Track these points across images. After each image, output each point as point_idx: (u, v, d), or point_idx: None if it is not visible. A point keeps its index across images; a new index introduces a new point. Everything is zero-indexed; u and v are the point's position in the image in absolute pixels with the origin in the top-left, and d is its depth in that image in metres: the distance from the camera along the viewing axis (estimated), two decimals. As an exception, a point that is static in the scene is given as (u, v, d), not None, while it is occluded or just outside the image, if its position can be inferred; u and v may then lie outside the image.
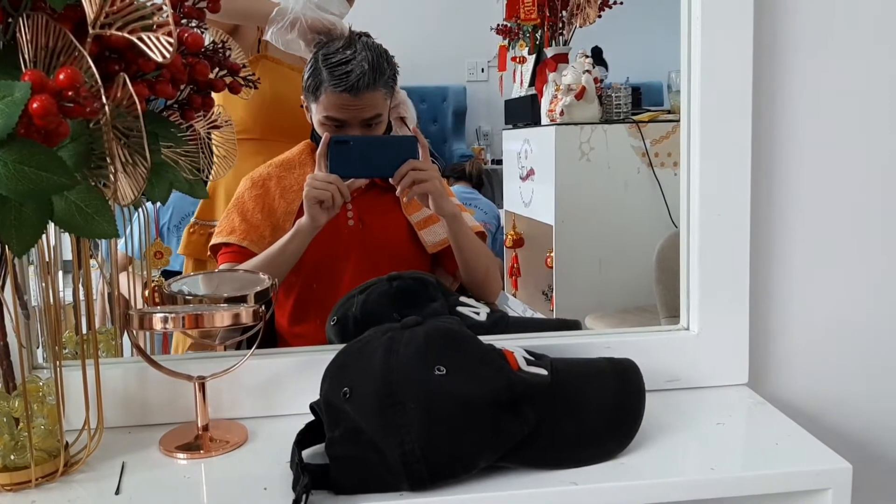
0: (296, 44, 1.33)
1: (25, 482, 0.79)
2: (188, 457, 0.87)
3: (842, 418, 1.09)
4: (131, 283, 1.06)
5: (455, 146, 2.21)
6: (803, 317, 1.06)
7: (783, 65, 1.01)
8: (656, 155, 1.75)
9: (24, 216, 0.64)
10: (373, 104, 1.27)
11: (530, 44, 1.94)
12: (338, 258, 1.31)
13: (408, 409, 0.75)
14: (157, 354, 0.97)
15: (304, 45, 1.32)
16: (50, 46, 0.64)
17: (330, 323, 1.10)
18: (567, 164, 1.77)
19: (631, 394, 0.86)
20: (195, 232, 1.42)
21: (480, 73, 2.12)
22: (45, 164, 0.61)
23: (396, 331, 0.81)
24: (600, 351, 0.98)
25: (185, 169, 0.85)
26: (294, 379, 0.96)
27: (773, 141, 1.03)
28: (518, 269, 1.98)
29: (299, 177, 1.32)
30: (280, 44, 1.34)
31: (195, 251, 1.41)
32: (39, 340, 0.95)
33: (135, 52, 0.66)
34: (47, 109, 0.58)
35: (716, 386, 1.02)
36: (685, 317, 1.04)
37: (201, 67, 0.78)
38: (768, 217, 1.04)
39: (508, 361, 0.83)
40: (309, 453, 0.83)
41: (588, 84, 1.75)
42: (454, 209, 1.26)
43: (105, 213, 0.67)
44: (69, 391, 0.85)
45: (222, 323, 0.87)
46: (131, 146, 0.67)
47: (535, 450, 0.79)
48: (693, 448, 0.87)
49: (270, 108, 1.36)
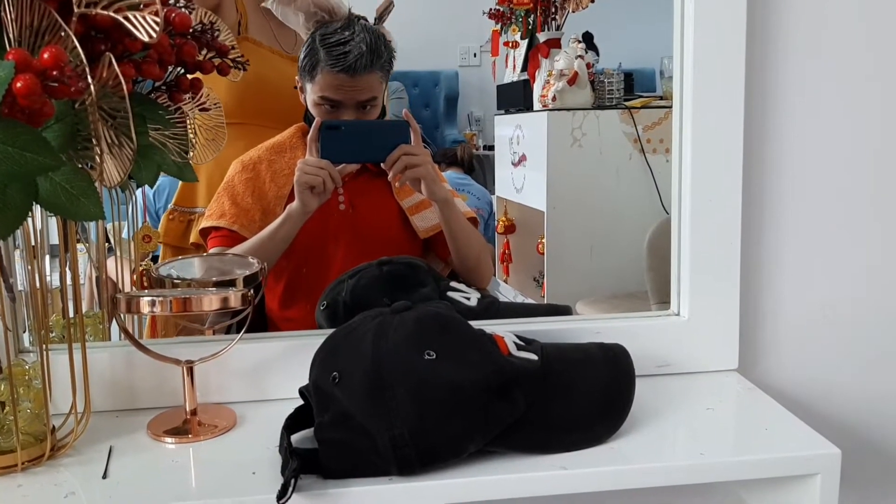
0: (295, 17, 1.30)
1: (12, 466, 0.78)
2: (176, 441, 0.86)
3: (831, 404, 1.09)
4: (119, 267, 1.05)
5: (447, 131, 2.20)
6: (794, 303, 1.07)
7: (776, 51, 1.01)
8: (648, 141, 1.75)
9: (8, 197, 0.63)
10: (369, 86, 1.26)
11: (523, 28, 1.93)
12: (328, 243, 1.30)
13: (397, 393, 0.75)
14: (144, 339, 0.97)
15: (304, 20, 1.30)
16: (34, 25, 0.63)
17: (320, 307, 1.10)
18: (559, 150, 1.76)
19: (621, 379, 0.86)
20: (175, 219, 1.40)
21: (473, 57, 2.12)
22: (30, 144, 0.60)
23: (386, 315, 0.81)
24: (591, 336, 0.97)
25: (173, 151, 0.84)
26: (283, 363, 0.96)
27: (766, 127, 1.02)
28: (509, 255, 1.98)
29: (290, 160, 1.32)
30: (278, 13, 1.31)
31: (174, 239, 1.39)
32: (26, 324, 0.95)
33: (121, 31, 0.65)
34: (31, 89, 0.57)
35: (706, 371, 1.02)
36: (675, 302, 1.04)
37: (189, 48, 0.77)
38: (759, 203, 1.04)
39: (499, 346, 0.83)
40: (298, 438, 0.82)
41: (580, 69, 1.75)
42: (446, 194, 1.25)
43: (91, 195, 0.67)
44: (56, 375, 0.85)
45: (210, 307, 0.86)
46: (117, 127, 0.67)
47: (525, 434, 0.79)
48: (683, 433, 0.87)
49: (253, 91, 1.35)
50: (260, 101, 1.38)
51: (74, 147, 0.68)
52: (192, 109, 0.89)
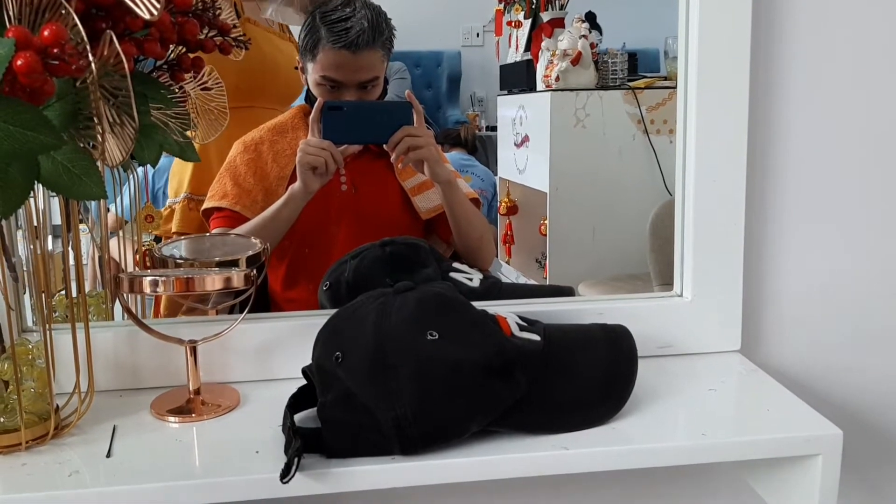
0: (297, 17, 1.30)
1: (16, 445, 0.78)
2: (180, 420, 0.87)
3: (833, 385, 1.09)
4: (122, 247, 1.05)
5: (450, 112, 2.19)
6: (797, 285, 1.06)
7: (781, 30, 1.00)
8: (652, 122, 1.74)
9: (10, 176, 0.63)
10: (370, 65, 1.26)
11: (526, 8, 1.91)
12: (330, 223, 1.30)
13: (400, 373, 0.75)
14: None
15: (302, 15, 1.29)
16: (34, 3, 0.62)
17: (322, 288, 1.10)
18: (562, 131, 1.76)
19: (623, 360, 0.86)
20: (193, 208, 1.39)
21: (476, 37, 2.10)
22: (31, 123, 0.60)
23: (389, 296, 0.81)
24: (593, 317, 0.97)
25: (175, 131, 0.84)
26: (286, 343, 0.96)
27: (770, 108, 1.02)
28: (512, 236, 1.97)
29: (292, 141, 1.31)
30: (279, 17, 1.31)
31: (192, 228, 1.37)
32: (29, 303, 0.95)
33: (122, 9, 0.65)
34: (32, 67, 0.57)
35: (708, 353, 1.02)
36: (678, 283, 1.04)
37: (190, 26, 0.77)
38: (763, 184, 1.03)
39: (501, 327, 0.83)
40: (301, 417, 0.83)
41: (584, 49, 1.74)
42: (449, 175, 1.25)
43: (93, 174, 0.66)
44: (59, 354, 0.85)
45: (213, 287, 0.86)
46: (119, 106, 0.66)
47: (527, 414, 0.79)
48: (685, 414, 0.87)
49: (259, 72, 1.34)
50: (261, 83, 1.37)
51: (76, 126, 0.68)
52: (193, 88, 0.89)
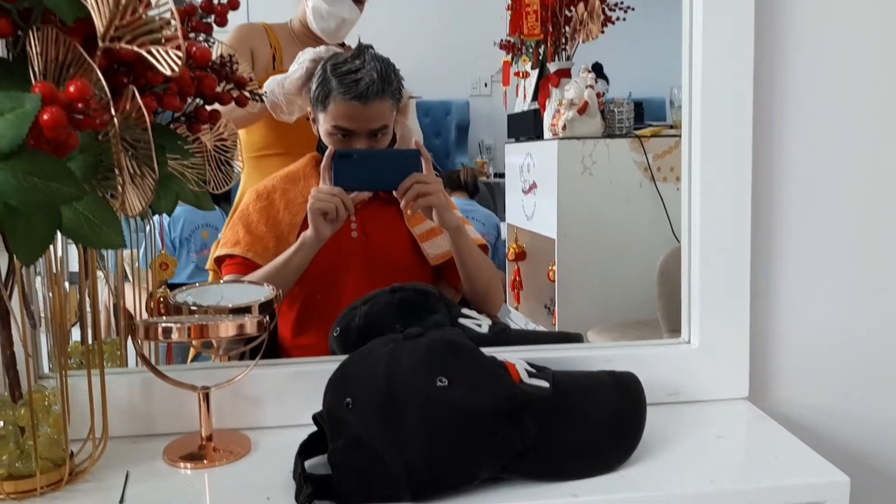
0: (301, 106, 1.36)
1: (31, 490, 0.79)
2: (192, 467, 0.87)
3: (840, 432, 1.09)
4: (136, 294, 1.06)
5: (458, 159, 2.22)
6: (803, 331, 1.07)
7: (783, 80, 1.02)
8: (658, 169, 1.76)
9: (32, 226, 0.64)
10: (380, 114, 1.28)
11: (533, 59, 1.95)
12: (341, 269, 1.31)
13: (409, 419, 0.75)
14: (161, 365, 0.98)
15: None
16: (60, 59, 0.65)
17: (333, 334, 1.11)
18: (569, 178, 1.77)
19: (632, 407, 0.87)
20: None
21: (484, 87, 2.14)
22: (55, 174, 0.62)
23: (399, 341, 0.82)
24: (602, 364, 0.98)
25: (191, 181, 0.86)
26: (297, 389, 0.97)
27: (774, 156, 1.03)
28: (520, 282, 1.98)
29: (304, 189, 1.33)
30: (284, 116, 1.36)
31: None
32: (45, 350, 0.96)
33: (144, 65, 0.67)
34: (57, 121, 0.59)
35: (716, 399, 1.03)
36: (686, 330, 1.04)
37: (209, 81, 0.79)
38: (769, 232, 1.04)
39: (510, 373, 0.83)
40: (312, 463, 0.83)
41: (590, 99, 1.76)
42: (457, 222, 1.26)
43: (112, 224, 0.68)
44: (74, 400, 0.86)
45: (227, 333, 0.87)
46: (139, 158, 0.68)
47: (536, 461, 0.80)
48: (693, 461, 0.87)
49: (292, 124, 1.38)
50: (298, 134, 1.41)
51: (97, 177, 0.70)
52: (210, 140, 0.91)
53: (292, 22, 1.56)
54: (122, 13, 0.63)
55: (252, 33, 1.56)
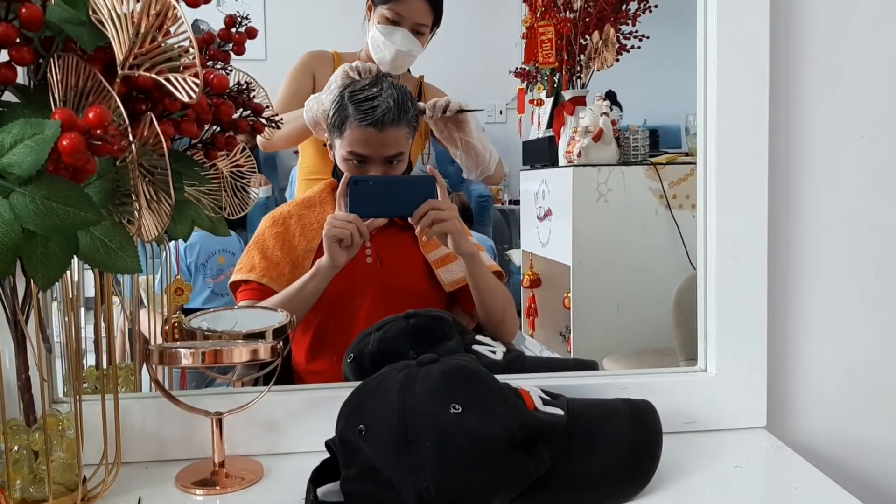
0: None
1: (43, 515, 0.79)
2: (204, 493, 0.87)
3: (859, 462, 1.07)
4: (151, 319, 1.07)
5: (472, 186, 2.23)
6: (821, 359, 1.06)
7: (799, 107, 1.02)
8: (674, 197, 1.76)
9: (50, 251, 0.65)
10: (396, 141, 1.29)
11: (548, 87, 1.96)
12: (355, 295, 1.32)
13: (423, 447, 0.75)
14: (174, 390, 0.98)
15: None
16: (79, 86, 0.66)
17: (346, 360, 1.11)
18: (584, 205, 1.78)
19: (648, 435, 0.86)
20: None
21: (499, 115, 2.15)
22: (73, 200, 0.62)
23: (412, 368, 0.82)
24: (617, 392, 0.97)
25: (207, 206, 0.87)
26: (310, 416, 0.96)
27: (790, 183, 1.03)
28: (535, 309, 1.98)
29: (319, 215, 1.34)
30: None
31: None
32: (60, 374, 0.96)
33: (162, 92, 0.68)
34: (76, 147, 0.60)
35: (734, 429, 1.02)
36: (703, 358, 1.04)
37: (226, 108, 0.80)
38: (785, 259, 1.04)
39: (524, 401, 0.83)
40: (324, 491, 0.83)
41: (605, 126, 1.77)
42: (472, 248, 1.26)
43: (129, 249, 0.68)
44: (88, 425, 0.86)
45: (241, 359, 0.88)
46: (156, 183, 0.69)
47: (551, 490, 0.79)
48: (710, 491, 0.86)
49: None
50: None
51: (114, 202, 0.71)
52: (226, 166, 0.92)
53: (361, 53, 1.60)
54: (142, 42, 0.64)
55: (318, 60, 1.64)
